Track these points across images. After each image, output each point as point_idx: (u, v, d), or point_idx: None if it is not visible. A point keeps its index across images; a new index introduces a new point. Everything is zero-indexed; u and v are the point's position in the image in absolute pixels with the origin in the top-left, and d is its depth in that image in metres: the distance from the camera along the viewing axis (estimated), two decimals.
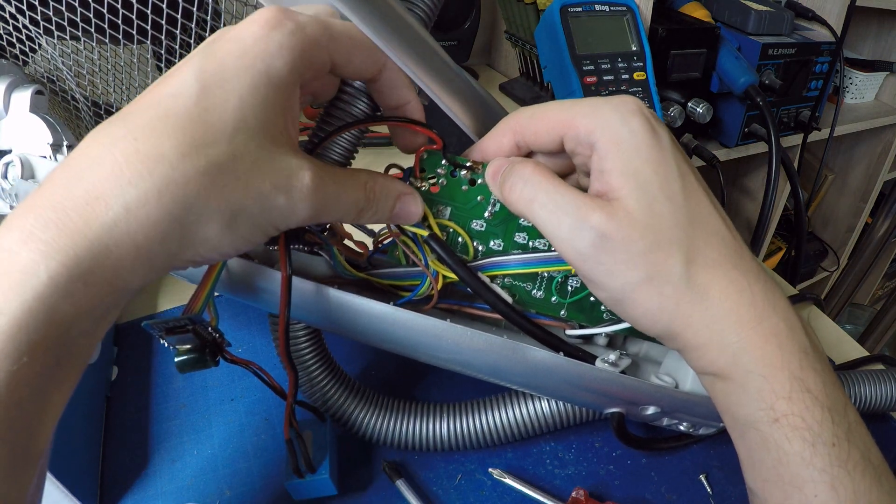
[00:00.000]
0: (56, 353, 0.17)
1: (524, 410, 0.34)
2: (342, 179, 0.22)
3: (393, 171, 0.29)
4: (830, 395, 0.21)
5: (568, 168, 0.28)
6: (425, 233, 0.27)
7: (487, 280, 0.28)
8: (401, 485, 0.33)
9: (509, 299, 0.28)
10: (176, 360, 0.23)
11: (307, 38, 0.20)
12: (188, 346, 0.23)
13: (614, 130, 0.23)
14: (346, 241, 0.31)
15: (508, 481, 0.34)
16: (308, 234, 0.28)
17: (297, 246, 0.28)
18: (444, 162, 0.28)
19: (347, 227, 0.31)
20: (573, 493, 0.32)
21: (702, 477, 0.35)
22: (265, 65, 0.19)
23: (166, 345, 0.23)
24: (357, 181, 0.23)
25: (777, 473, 0.22)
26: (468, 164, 0.28)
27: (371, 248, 0.31)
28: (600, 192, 0.24)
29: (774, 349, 0.22)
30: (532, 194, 0.24)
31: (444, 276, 0.28)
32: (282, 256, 0.25)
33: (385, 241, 0.30)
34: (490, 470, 0.34)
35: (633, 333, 0.31)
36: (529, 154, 0.28)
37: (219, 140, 0.18)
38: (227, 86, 0.19)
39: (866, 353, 0.47)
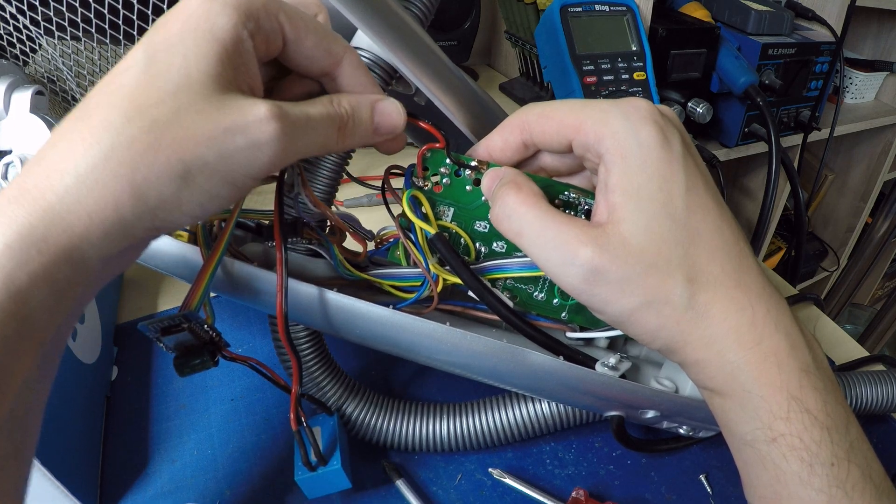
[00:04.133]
0: (14, 325, 0.17)
1: (524, 411, 0.34)
2: (305, 105, 0.22)
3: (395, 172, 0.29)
4: (831, 413, 0.21)
5: (577, 166, 0.28)
6: (433, 230, 0.27)
7: (489, 284, 0.28)
8: (401, 485, 0.33)
9: (510, 303, 0.28)
10: (175, 365, 0.23)
11: (253, 0, 0.20)
12: (186, 347, 0.23)
13: (622, 141, 0.23)
14: (345, 243, 0.31)
15: (508, 481, 0.34)
16: (306, 230, 0.27)
17: (296, 240, 0.27)
18: (447, 161, 0.28)
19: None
20: (573, 493, 0.32)
21: (702, 477, 0.35)
22: (209, 23, 0.19)
23: (163, 347, 0.23)
24: (321, 100, 0.22)
25: (775, 491, 0.22)
26: (472, 164, 0.28)
27: (370, 249, 0.31)
28: (602, 210, 0.23)
29: (773, 368, 0.22)
30: (518, 228, 0.24)
31: (445, 279, 0.28)
32: (277, 235, 0.24)
33: (388, 241, 0.30)
34: (490, 470, 0.34)
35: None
36: (537, 152, 0.28)
37: (163, 99, 0.18)
38: (173, 49, 0.19)
39: (866, 354, 0.47)
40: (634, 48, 0.67)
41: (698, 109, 0.75)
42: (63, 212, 0.17)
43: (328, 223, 0.30)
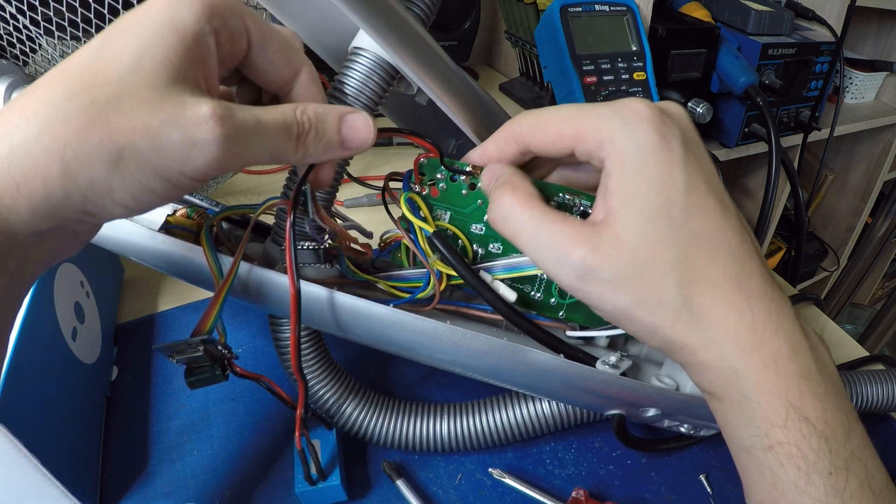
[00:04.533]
0: None
1: (524, 411, 0.34)
2: (261, 109, 0.21)
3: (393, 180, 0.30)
4: (831, 421, 0.21)
5: (579, 164, 0.28)
6: (431, 228, 0.27)
7: (489, 278, 0.28)
8: (401, 485, 0.33)
9: (513, 297, 0.28)
10: (187, 379, 0.23)
11: None
12: (198, 364, 0.23)
13: (621, 146, 0.23)
14: (352, 245, 0.31)
15: (508, 481, 0.34)
16: (329, 249, 0.28)
17: (317, 263, 0.28)
18: (442, 167, 0.28)
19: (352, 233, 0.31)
20: (573, 493, 0.32)
21: (702, 477, 0.35)
22: (170, 11, 0.19)
23: (174, 362, 0.23)
24: (282, 106, 0.22)
25: (772, 498, 0.21)
26: (467, 170, 0.28)
27: (374, 248, 0.31)
28: (599, 211, 0.24)
29: (771, 375, 0.21)
30: (514, 230, 0.24)
31: (449, 277, 0.28)
32: (290, 269, 0.25)
33: (391, 244, 0.30)
34: (490, 470, 0.34)
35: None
36: (535, 158, 0.27)
37: (109, 81, 0.18)
38: (129, 34, 0.19)
39: (866, 353, 0.47)
40: (634, 48, 0.67)
41: (698, 109, 0.75)
42: None
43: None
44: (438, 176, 0.29)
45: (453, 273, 0.28)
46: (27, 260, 0.19)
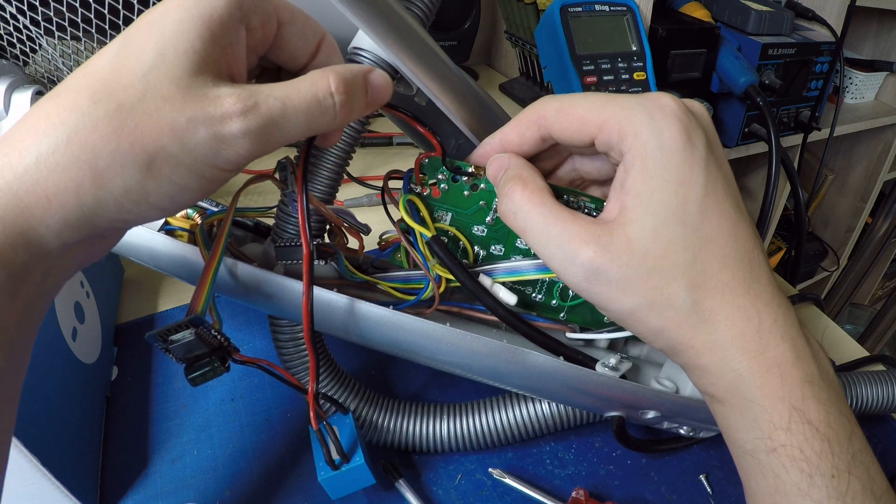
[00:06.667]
0: None
1: (524, 411, 0.34)
2: (288, 87, 0.20)
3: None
4: (833, 425, 0.21)
5: (610, 171, 0.27)
6: (430, 233, 0.27)
7: (489, 283, 0.28)
8: (401, 485, 0.33)
9: (513, 300, 0.28)
10: (188, 376, 0.22)
11: None
12: (195, 356, 0.22)
13: (644, 143, 0.22)
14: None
15: (508, 481, 0.34)
16: (322, 246, 0.28)
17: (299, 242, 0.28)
18: (443, 167, 0.28)
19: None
20: (573, 493, 0.32)
21: (702, 477, 0.35)
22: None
23: (172, 357, 0.22)
24: (311, 78, 0.20)
25: (774, 501, 0.21)
26: (469, 171, 0.28)
27: (370, 247, 0.31)
28: (613, 207, 0.23)
29: (776, 379, 0.21)
30: (523, 226, 0.24)
31: (447, 280, 0.28)
32: (303, 228, 0.24)
33: (391, 244, 0.30)
34: (490, 470, 0.34)
35: (634, 338, 0.31)
36: (555, 145, 0.27)
37: (133, 82, 0.18)
38: (152, 27, 0.18)
39: (866, 354, 0.47)
40: (634, 48, 0.67)
41: None
42: (21, 192, 0.17)
43: (327, 225, 0.30)
44: (440, 176, 0.28)
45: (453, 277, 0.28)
46: (52, 270, 0.18)
